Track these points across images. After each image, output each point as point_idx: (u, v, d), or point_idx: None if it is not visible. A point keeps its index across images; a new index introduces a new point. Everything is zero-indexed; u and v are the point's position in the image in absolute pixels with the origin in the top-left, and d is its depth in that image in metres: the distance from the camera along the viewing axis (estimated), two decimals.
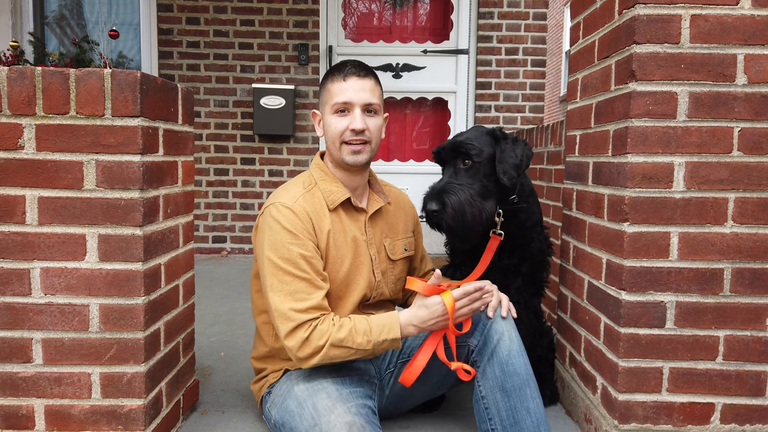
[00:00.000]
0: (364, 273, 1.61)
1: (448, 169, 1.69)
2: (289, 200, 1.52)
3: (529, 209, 1.78)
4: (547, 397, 1.85)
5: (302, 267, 1.46)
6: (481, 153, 1.65)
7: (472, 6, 4.38)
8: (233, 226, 4.36)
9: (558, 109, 15.08)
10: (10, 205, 1.38)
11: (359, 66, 1.59)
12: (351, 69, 1.57)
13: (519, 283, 1.79)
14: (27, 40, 4.13)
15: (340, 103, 1.55)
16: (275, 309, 1.45)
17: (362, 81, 1.56)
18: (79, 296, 1.41)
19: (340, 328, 1.43)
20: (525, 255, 1.78)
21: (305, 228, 1.50)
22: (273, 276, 1.47)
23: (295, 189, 1.58)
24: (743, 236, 1.46)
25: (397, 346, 1.47)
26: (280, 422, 1.50)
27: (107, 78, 1.36)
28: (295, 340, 1.42)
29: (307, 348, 1.42)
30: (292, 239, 1.47)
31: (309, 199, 1.56)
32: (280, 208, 1.50)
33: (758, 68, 1.42)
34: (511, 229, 1.74)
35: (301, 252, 1.47)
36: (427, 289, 1.45)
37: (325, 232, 1.54)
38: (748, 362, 1.49)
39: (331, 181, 1.61)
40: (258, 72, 4.30)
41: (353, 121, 1.55)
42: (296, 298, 1.44)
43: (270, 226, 1.50)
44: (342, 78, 1.56)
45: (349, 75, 1.56)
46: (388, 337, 1.44)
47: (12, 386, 1.42)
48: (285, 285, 1.45)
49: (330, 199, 1.58)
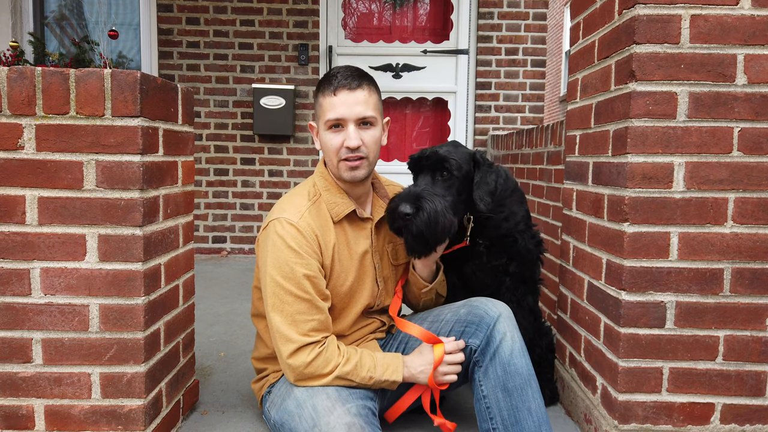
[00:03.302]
0: (368, 284, 1.61)
1: (423, 178, 1.65)
2: (294, 215, 1.48)
3: (509, 211, 1.77)
4: (547, 397, 1.85)
5: (305, 287, 1.44)
6: (461, 168, 1.65)
7: (472, 6, 4.38)
8: (233, 226, 4.36)
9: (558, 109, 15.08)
10: (10, 205, 1.38)
11: (350, 76, 1.50)
12: (341, 81, 1.48)
13: (509, 283, 1.80)
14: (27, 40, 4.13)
15: (333, 120, 1.49)
16: (276, 330, 1.45)
17: (354, 94, 1.48)
18: (79, 296, 1.41)
19: (347, 361, 1.45)
20: (512, 254, 1.78)
21: (310, 246, 1.46)
22: (274, 296, 1.45)
23: (300, 201, 1.53)
24: (743, 236, 1.46)
25: (394, 387, 1.52)
26: (280, 423, 1.50)
27: (107, 78, 1.36)
28: (298, 362, 1.43)
29: (309, 372, 1.44)
30: (296, 258, 1.44)
31: (314, 212, 1.52)
32: (285, 225, 1.46)
33: (758, 68, 1.42)
34: (491, 231, 1.75)
35: (304, 272, 1.44)
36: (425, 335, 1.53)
37: (330, 247, 1.51)
38: (748, 362, 1.49)
39: (336, 192, 1.57)
40: (258, 72, 4.30)
41: (347, 138, 1.49)
42: (297, 320, 1.44)
43: (274, 242, 1.46)
44: (332, 92, 1.48)
45: (339, 88, 1.48)
46: (390, 378, 1.49)
47: (12, 386, 1.42)
48: (286, 306, 1.44)
49: (335, 211, 1.54)
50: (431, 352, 1.50)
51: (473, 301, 1.60)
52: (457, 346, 1.50)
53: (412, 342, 1.64)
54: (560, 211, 2.31)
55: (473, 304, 1.58)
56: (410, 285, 1.74)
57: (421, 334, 1.54)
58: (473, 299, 1.61)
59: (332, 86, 1.49)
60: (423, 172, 1.67)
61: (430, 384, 1.50)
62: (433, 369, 1.48)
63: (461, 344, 1.51)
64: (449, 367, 1.50)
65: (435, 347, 1.50)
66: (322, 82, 1.53)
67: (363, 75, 1.53)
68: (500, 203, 1.76)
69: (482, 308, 1.54)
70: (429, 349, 1.51)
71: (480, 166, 1.69)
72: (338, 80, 1.49)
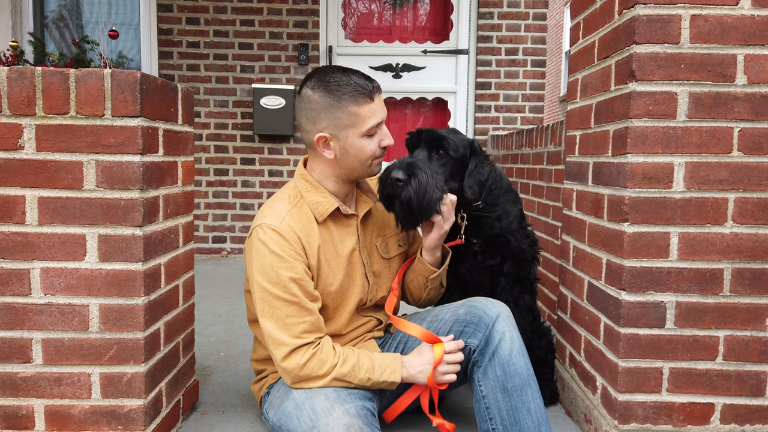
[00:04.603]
0: (358, 280, 1.60)
1: (420, 153, 1.67)
2: (275, 220, 1.47)
3: (502, 210, 1.78)
4: (547, 397, 1.85)
5: (292, 291, 1.44)
6: (457, 150, 1.68)
7: (472, 6, 4.38)
8: (233, 227, 4.36)
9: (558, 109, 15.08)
10: (10, 205, 1.38)
11: (366, 78, 1.52)
12: (373, 84, 1.50)
13: (504, 283, 1.80)
14: (27, 40, 4.13)
15: (376, 125, 1.51)
16: (268, 335, 1.46)
17: (380, 95, 1.54)
18: (79, 296, 1.41)
19: (343, 362, 1.45)
20: (506, 254, 1.78)
21: (294, 249, 1.45)
22: (263, 301, 1.45)
23: (280, 205, 1.52)
24: (743, 236, 1.46)
25: (393, 388, 1.52)
26: (278, 424, 1.50)
27: (107, 78, 1.36)
28: (292, 364, 1.43)
29: (304, 373, 1.44)
30: (280, 262, 1.44)
31: (296, 215, 1.50)
32: (266, 230, 1.45)
33: (758, 68, 1.42)
34: (484, 231, 1.76)
35: (290, 275, 1.44)
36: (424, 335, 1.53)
37: (315, 248, 1.50)
38: (748, 362, 1.49)
39: (317, 192, 1.55)
40: (258, 72, 4.30)
41: (384, 138, 1.54)
42: (287, 324, 1.44)
43: (257, 249, 1.46)
44: (369, 99, 1.48)
45: (374, 93, 1.50)
46: (389, 379, 1.48)
47: (12, 386, 1.42)
48: (275, 310, 1.44)
49: (318, 211, 1.53)
50: (431, 351, 1.50)
51: (472, 301, 1.60)
52: (456, 346, 1.50)
53: (412, 341, 1.64)
54: (560, 211, 2.31)
55: (472, 304, 1.58)
56: (416, 275, 1.72)
57: (420, 333, 1.53)
58: (472, 299, 1.61)
59: (366, 91, 1.48)
60: (420, 147, 1.68)
61: (430, 384, 1.50)
62: (433, 369, 1.48)
63: (461, 344, 1.51)
64: (449, 366, 1.50)
65: (435, 347, 1.50)
66: (346, 89, 1.47)
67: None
68: (494, 202, 1.77)
69: (481, 308, 1.54)
70: (428, 349, 1.51)
71: (476, 154, 1.71)
72: (370, 84, 1.50)
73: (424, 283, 1.72)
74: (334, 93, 1.47)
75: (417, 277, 1.72)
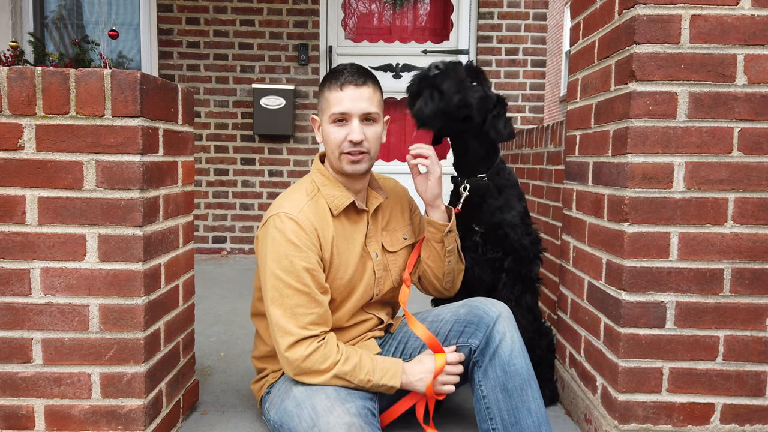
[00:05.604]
0: (366, 273, 1.62)
1: None
2: (293, 210, 1.49)
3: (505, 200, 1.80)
4: (547, 397, 1.84)
5: (304, 280, 1.45)
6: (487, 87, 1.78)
7: (472, 6, 4.38)
8: (233, 226, 4.36)
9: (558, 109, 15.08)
10: (10, 205, 1.38)
11: (357, 73, 1.54)
12: (348, 77, 1.52)
13: (505, 279, 1.80)
14: (27, 40, 4.13)
15: (338, 114, 1.52)
16: (275, 323, 1.46)
17: (359, 90, 1.52)
18: (79, 296, 1.41)
19: (346, 360, 1.45)
20: (506, 248, 1.78)
21: (310, 240, 1.48)
22: (275, 289, 1.46)
23: (298, 197, 1.55)
24: (743, 236, 1.46)
25: (391, 392, 1.52)
26: (279, 423, 1.50)
27: (107, 78, 1.36)
28: (296, 355, 1.43)
29: (307, 366, 1.44)
30: (295, 251, 1.45)
31: (313, 207, 1.53)
32: (284, 219, 1.48)
33: (758, 68, 1.42)
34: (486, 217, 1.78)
35: (304, 265, 1.45)
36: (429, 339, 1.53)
37: (329, 241, 1.53)
38: (748, 362, 1.49)
39: (334, 186, 1.58)
40: (258, 72, 4.30)
41: (351, 132, 1.52)
42: (296, 313, 1.44)
43: (273, 237, 1.47)
44: (339, 87, 1.51)
45: (346, 83, 1.51)
46: (388, 383, 1.49)
47: (12, 386, 1.42)
48: (286, 299, 1.45)
49: (334, 204, 1.56)
50: (432, 361, 1.50)
51: (473, 301, 1.60)
52: (458, 358, 1.51)
53: (411, 342, 1.64)
54: (560, 211, 2.31)
55: (473, 304, 1.58)
56: (431, 246, 1.69)
57: (425, 335, 1.53)
58: (473, 299, 1.61)
59: (339, 81, 1.52)
60: None
61: (428, 393, 1.50)
62: (433, 378, 1.48)
63: (462, 356, 1.52)
64: (448, 377, 1.51)
65: (437, 356, 1.50)
66: (329, 76, 1.56)
67: (368, 73, 1.57)
68: (499, 191, 1.79)
69: (482, 308, 1.54)
70: (430, 358, 1.52)
71: (505, 105, 1.79)
72: (345, 76, 1.53)
73: (442, 250, 1.68)
74: (324, 78, 1.59)
75: (433, 248, 1.69)
